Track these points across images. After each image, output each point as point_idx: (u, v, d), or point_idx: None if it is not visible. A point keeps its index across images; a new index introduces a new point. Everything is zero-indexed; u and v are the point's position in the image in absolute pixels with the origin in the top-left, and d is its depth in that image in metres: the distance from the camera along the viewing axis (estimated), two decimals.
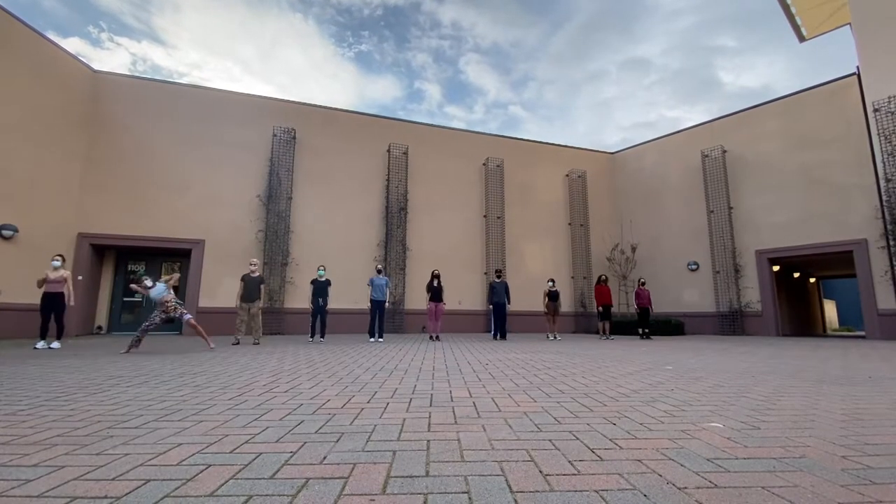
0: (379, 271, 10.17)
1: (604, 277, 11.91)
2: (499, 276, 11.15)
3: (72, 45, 48.16)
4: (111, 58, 53.80)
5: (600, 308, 11.63)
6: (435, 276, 10.21)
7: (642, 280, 12.17)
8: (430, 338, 9.87)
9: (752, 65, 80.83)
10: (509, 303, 10.67)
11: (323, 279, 9.43)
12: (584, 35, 71.86)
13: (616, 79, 79.17)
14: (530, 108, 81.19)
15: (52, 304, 7.33)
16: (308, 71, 71.20)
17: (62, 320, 7.51)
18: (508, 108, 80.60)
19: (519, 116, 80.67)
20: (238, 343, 8.28)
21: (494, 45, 70.49)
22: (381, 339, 9.59)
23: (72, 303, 7.57)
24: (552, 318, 11.20)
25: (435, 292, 10.06)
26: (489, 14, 64.97)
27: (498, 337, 10.37)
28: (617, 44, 75.01)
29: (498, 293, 10.58)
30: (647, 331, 11.50)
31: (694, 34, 74.10)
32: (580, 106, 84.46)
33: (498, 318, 10.46)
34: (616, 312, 15.25)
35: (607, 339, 11.12)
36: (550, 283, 11.45)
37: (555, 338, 10.91)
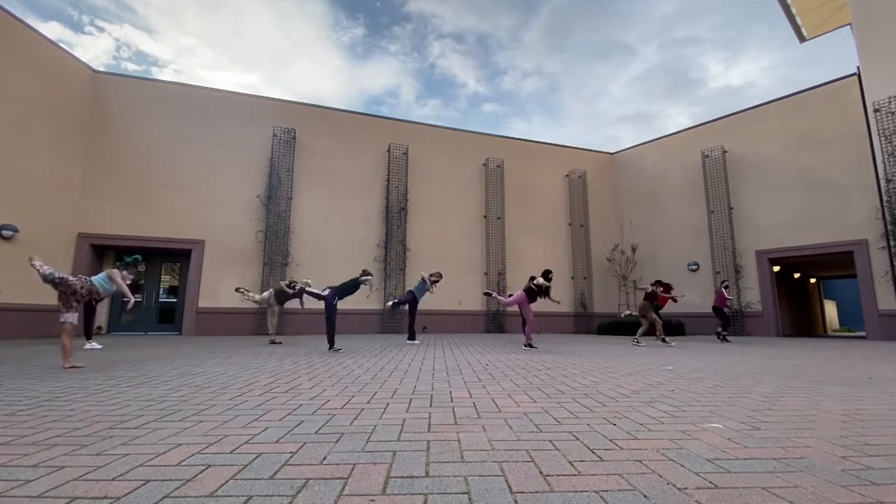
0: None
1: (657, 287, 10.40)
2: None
3: (53, 30, 47.40)
4: (95, 43, 53.07)
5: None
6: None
7: (725, 283, 11.06)
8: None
9: (736, 61, 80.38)
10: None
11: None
12: (559, 23, 71.01)
13: (598, 72, 78.65)
14: (512, 102, 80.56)
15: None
16: (293, 58, 70.75)
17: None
18: (489, 103, 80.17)
19: (501, 113, 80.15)
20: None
21: (468, 34, 69.93)
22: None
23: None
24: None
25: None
26: (458, 4, 64.33)
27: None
28: (595, 33, 74.36)
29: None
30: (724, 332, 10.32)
31: (675, 25, 73.33)
32: (563, 100, 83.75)
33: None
34: (615, 313, 15.25)
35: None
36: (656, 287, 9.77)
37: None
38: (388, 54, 71.25)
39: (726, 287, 10.95)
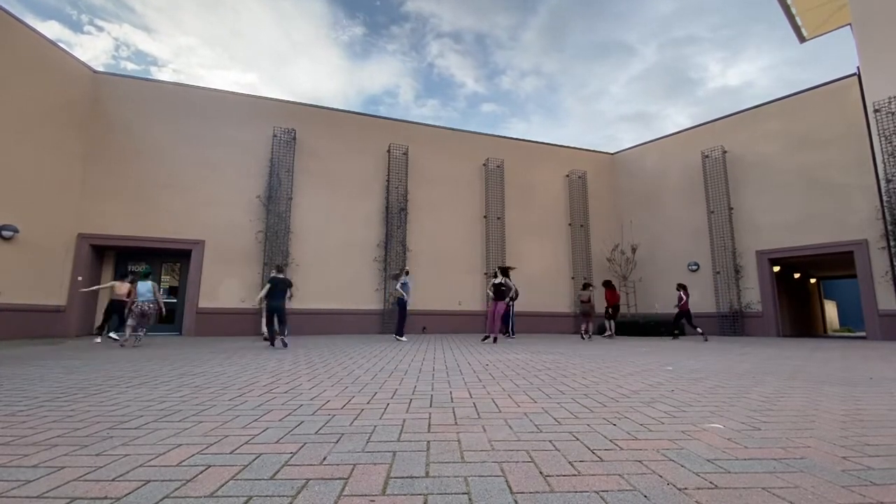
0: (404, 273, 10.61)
1: (593, 284, 13.23)
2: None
3: (52, 29, 47.52)
4: (93, 42, 53.15)
5: (609, 309, 12.30)
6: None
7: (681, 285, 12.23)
8: (492, 339, 9.46)
9: (735, 61, 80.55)
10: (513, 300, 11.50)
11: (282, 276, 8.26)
12: (558, 22, 70.85)
13: (597, 72, 78.71)
14: (511, 101, 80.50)
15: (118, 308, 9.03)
16: (292, 57, 70.74)
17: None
18: (487, 103, 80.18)
19: (500, 113, 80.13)
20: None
21: (466, 33, 69.91)
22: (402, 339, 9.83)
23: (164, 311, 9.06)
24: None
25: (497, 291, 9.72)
26: (456, 3, 64.31)
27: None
28: (594, 33, 74.22)
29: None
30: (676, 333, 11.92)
31: (673, 24, 73.20)
32: (562, 100, 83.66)
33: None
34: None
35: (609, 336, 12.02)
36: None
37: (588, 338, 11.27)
38: (386, 53, 71.27)
39: (683, 289, 12.04)
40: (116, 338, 8.84)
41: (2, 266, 9.28)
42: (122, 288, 8.99)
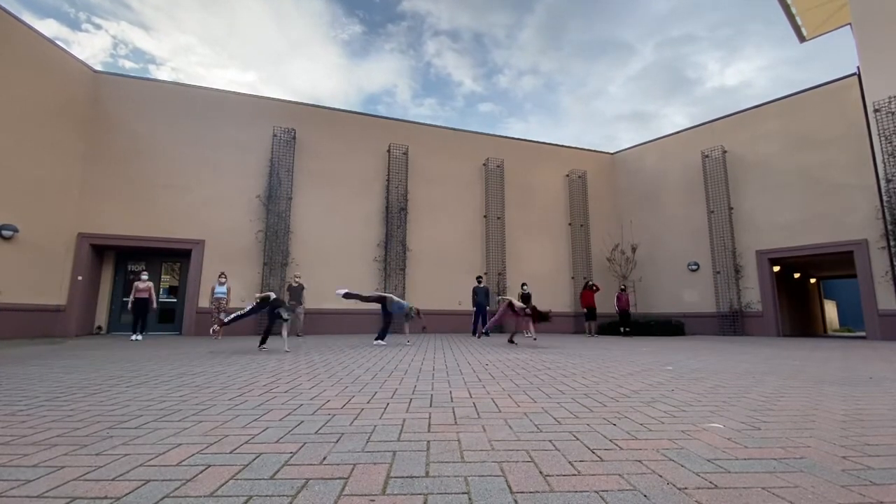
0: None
1: (591, 283, 13.49)
2: (480, 282, 12.76)
3: (50, 27, 47.75)
4: (92, 41, 53.38)
5: (585, 310, 13.06)
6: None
7: (623, 286, 13.87)
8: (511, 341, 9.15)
9: (733, 59, 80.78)
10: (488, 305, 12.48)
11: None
12: (555, 21, 71.02)
13: (595, 71, 78.98)
14: (509, 101, 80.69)
15: (142, 306, 9.80)
16: (291, 55, 70.84)
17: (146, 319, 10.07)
18: (485, 103, 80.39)
19: (498, 113, 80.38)
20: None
21: (463, 31, 70.00)
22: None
23: (154, 306, 10.19)
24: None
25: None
26: (453, 1, 64.44)
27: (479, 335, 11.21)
28: (591, 31, 74.33)
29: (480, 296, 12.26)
30: (628, 329, 13.06)
31: (671, 23, 73.34)
32: (560, 99, 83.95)
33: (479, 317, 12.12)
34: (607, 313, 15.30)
35: (592, 337, 12.41)
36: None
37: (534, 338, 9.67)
38: (384, 52, 71.40)
39: (623, 289, 13.49)
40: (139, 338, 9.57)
41: (2, 266, 9.27)
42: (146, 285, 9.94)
